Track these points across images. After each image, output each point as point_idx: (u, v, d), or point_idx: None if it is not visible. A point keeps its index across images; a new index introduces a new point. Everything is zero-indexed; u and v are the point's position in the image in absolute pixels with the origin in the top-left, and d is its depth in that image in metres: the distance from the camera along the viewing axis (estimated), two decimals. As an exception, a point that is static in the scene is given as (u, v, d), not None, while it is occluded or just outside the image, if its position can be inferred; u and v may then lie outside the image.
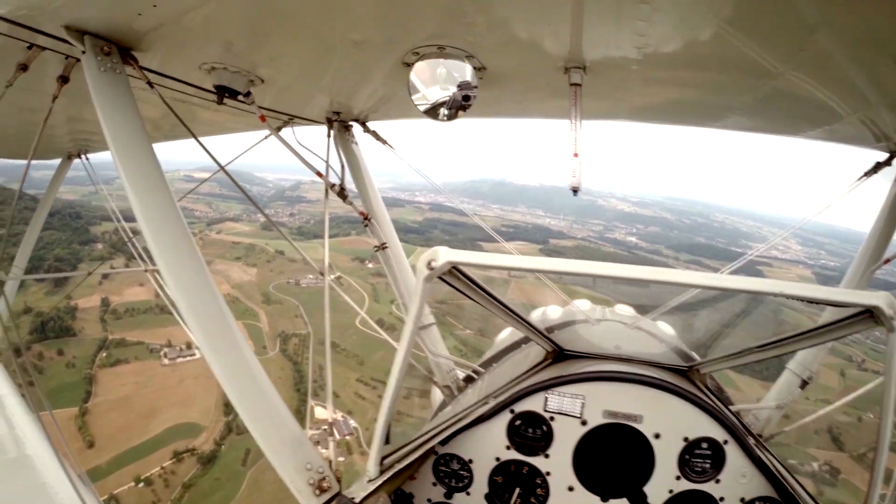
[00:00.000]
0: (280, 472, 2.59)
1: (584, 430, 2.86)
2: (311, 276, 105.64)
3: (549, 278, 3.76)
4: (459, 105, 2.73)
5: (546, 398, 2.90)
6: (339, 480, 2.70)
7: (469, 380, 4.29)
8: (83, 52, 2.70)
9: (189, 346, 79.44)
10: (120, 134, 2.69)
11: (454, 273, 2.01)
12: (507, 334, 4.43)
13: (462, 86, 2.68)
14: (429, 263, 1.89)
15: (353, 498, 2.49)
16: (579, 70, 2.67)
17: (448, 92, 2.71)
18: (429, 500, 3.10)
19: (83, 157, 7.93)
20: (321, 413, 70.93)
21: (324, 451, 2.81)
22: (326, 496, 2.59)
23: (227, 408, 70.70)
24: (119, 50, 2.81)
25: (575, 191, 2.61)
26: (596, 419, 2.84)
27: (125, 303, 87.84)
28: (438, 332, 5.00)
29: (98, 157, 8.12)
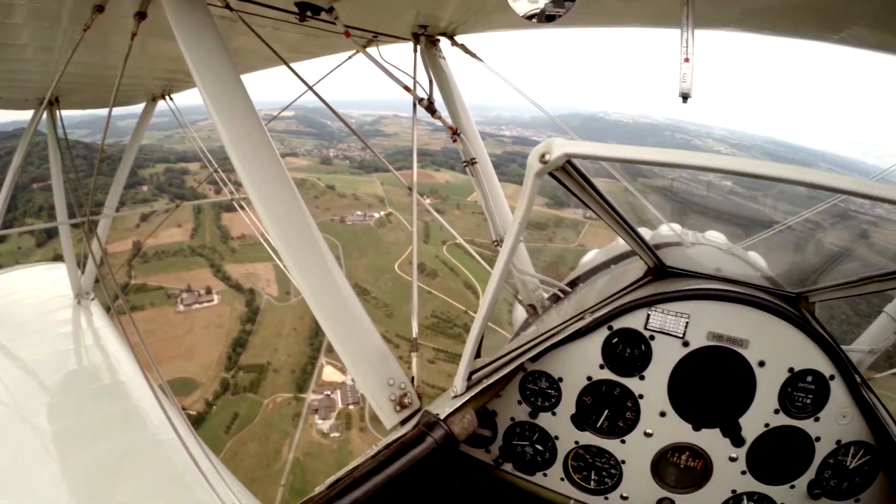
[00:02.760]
0: (362, 386, 2.64)
1: (685, 351, 2.66)
2: (358, 213, 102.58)
3: (644, 196, 3.54)
4: (559, 7, 2.49)
5: (648, 315, 2.70)
6: (420, 398, 2.71)
7: (555, 299, 4.17)
8: None
9: (209, 291, 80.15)
10: (205, 66, 2.66)
11: (567, 169, 1.84)
12: (593, 255, 4.27)
13: (563, -12, 2.44)
14: (542, 157, 1.71)
15: (437, 414, 2.42)
16: None
17: (548, -6, 2.47)
18: (512, 419, 3.02)
19: (167, 97, 8.07)
20: (330, 374, 69.11)
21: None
22: (407, 412, 2.61)
23: (230, 362, 69.85)
24: None
25: (685, 97, 2.34)
26: (699, 341, 2.64)
27: (158, 245, 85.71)
28: (525, 248, 4.88)
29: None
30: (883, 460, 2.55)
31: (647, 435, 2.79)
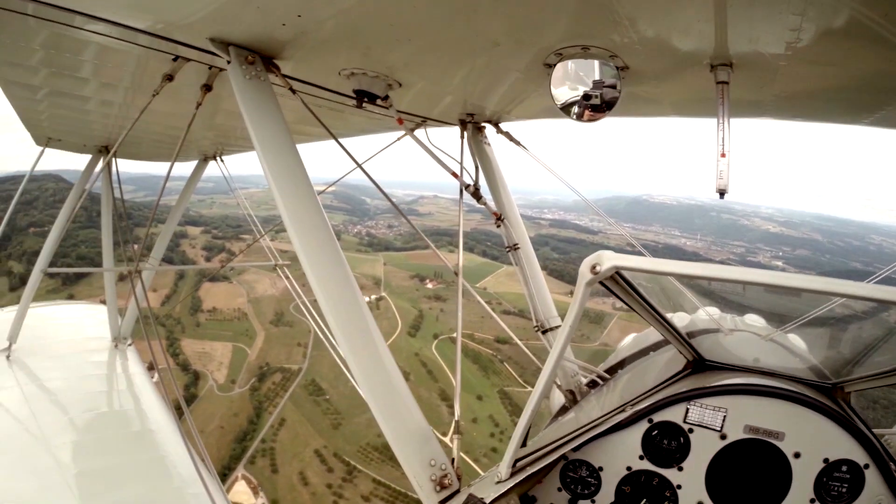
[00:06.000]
0: (404, 465, 2.67)
1: (723, 444, 2.72)
2: None
3: (683, 283, 3.62)
4: (601, 106, 2.67)
5: (687, 409, 2.78)
6: (459, 479, 2.73)
7: (592, 385, 4.20)
8: (228, 62, 2.88)
9: (151, 367, 73.87)
10: (266, 137, 2.86)
11: (615, 278, 1.96)
12: (631, 341, 4.30)
13: (604, 86, 2.63)
14: (593, 268, 1.84)
15: (482, 498, 2.47)
16: (726, 67, 2.54)
17: (589, 92, 2.66)
18: None
19: (218, 158, 8.52)
20: (239, 493, 58.42)
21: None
22: (446, 493, 2.63)
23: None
24: (262, 59, 2.98)
25: (722, 193, 2.48)
26: (736, 434, 2.70)
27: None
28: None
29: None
30: None
31: None
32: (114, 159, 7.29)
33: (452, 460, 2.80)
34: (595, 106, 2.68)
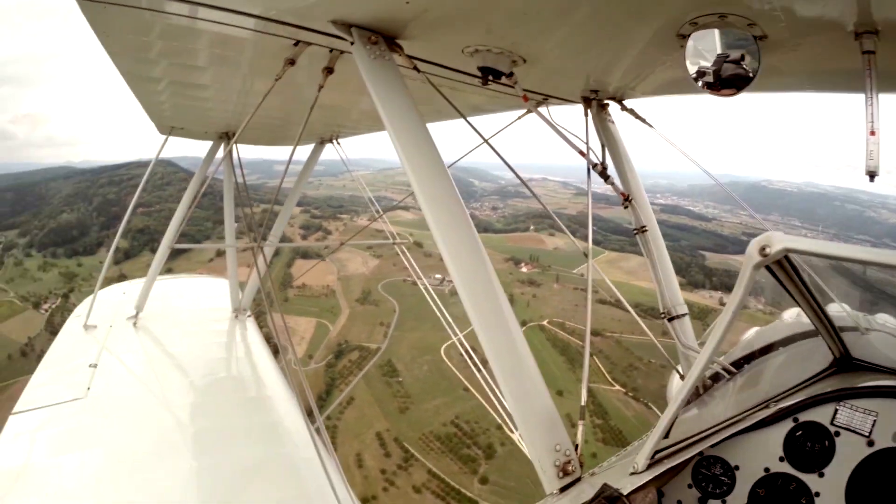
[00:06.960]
0: (529, 448, 2.67)
1: (869, 451, 2.49)
2: (436, 276, 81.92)
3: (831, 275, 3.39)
4: (740, 78, 2.53)
5: (836, 410, 2.58)
6: (581, 466, 2.70)
7: (716, 377, 4.02)
8: (352, 44, 2.95)
9: None
10: (396, 117, 2.92)
11: (782, 262, 1.87)
12: (754, 335, 4.08)
13: (742, 57, 2.49)
14: (762, 249, 1.74)
15: (619, 489, 2.39)
16: (872, 35, 2.32)
17: (727, 64, 2.53)
18: (679, 502, 2.89)
19: (335, 141, 8.85)
20: None
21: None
22: (568, 479, 2.61)
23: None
24: (384, 39, 3.03)
25: (872, 176, 2.27)
26: (885, 441, 2.47)
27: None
28: (690, 322, 4.73)
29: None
30: None
31: None
32: (235, 145, 7.78)
33: (576, 447, 2.76)
34: (732, 79, 2.55)
